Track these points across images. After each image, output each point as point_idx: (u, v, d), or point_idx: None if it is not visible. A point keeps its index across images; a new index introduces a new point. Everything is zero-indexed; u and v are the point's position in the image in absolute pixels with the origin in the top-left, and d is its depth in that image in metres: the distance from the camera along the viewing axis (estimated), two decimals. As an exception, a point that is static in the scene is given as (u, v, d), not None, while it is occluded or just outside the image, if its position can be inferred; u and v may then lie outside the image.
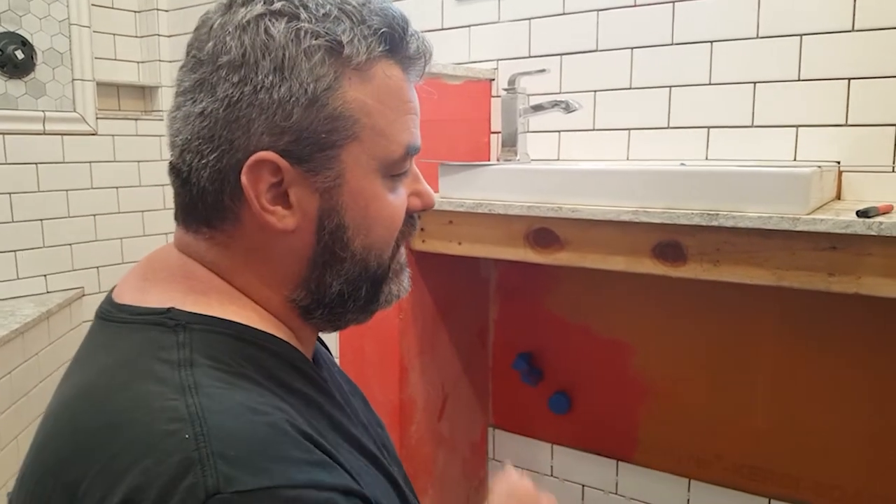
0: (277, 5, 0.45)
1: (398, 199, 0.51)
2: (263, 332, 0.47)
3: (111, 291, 0.51)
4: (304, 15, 0.45)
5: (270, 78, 0.44)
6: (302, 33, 0.44)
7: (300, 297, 0.50)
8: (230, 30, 0.45)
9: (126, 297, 0.48)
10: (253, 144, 0.45)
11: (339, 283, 0.49)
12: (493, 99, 1.41)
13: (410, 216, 0.53)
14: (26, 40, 1.75)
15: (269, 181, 0.46)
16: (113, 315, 0.48)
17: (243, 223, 0.47)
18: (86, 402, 0.42)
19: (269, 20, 0.44)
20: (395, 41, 0.47)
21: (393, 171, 0.49)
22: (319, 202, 0.47)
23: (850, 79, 1.07)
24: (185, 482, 0.36)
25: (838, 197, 1.09)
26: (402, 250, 0.55)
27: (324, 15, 0.45)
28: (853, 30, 1.06)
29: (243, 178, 0.45)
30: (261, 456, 0.37)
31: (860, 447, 1.12)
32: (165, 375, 0.41)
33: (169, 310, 0.45)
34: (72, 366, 0.48)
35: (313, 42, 0.44)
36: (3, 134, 1.73)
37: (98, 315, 0.49)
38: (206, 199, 0.47)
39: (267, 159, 0.45)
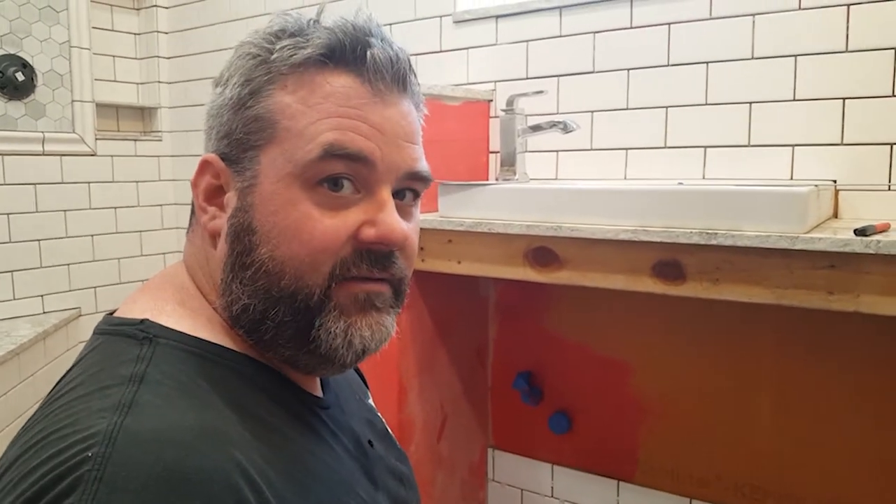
0: (251, 37, 0.50)
1: (334, 220, 0.46)
2: (230, 350, 0.47)
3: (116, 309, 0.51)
4: (255, 34, 0.49)
5: (219, 88, 0.50)
6: (244, 46, 0.49)
7: (223, 306, 0.48)
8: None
9: (120, 311, 0.49)
10: (211, 148, 0.50)
11: (246, 295, 0.46)
12: (491, 119, 1.42)
13: (370, 251, 0.47)
14: (27, 62, 1.76)
15: (209, 182, 0.49)
16: (99, 327, 0.48)
17: (199, 223, 0.51)
18: (44, 413, 0.42)
19: (238, 46, 0.50)
20: (337, 51, 0.47)
21: (316, 177, 0.45)
22: (236, 201, 0.48)
23: (845, 98, 1.08)
24: (68, 500, 0.35)
25: (835, 215, 1.09)
26: (358, 285, 0.47)
27: (269, 33, 0.49)
28: (847, 50, 1.07)
29: (192, 178, 0.49)
30: (148, 493, 0.35)
31: (862, 465, 1.11)
32: (112, 390, 0.40)
33: (142, 321, 0.46)
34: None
35: (249, 50, 0.49)
36: (3, 155, 1.74)
37: (94, 331, 0.49)
38: (192, 200, 0.52)
39: (208, 160, 0.49)
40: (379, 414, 0.66)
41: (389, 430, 0.64)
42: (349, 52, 0.47)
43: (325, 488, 0.47)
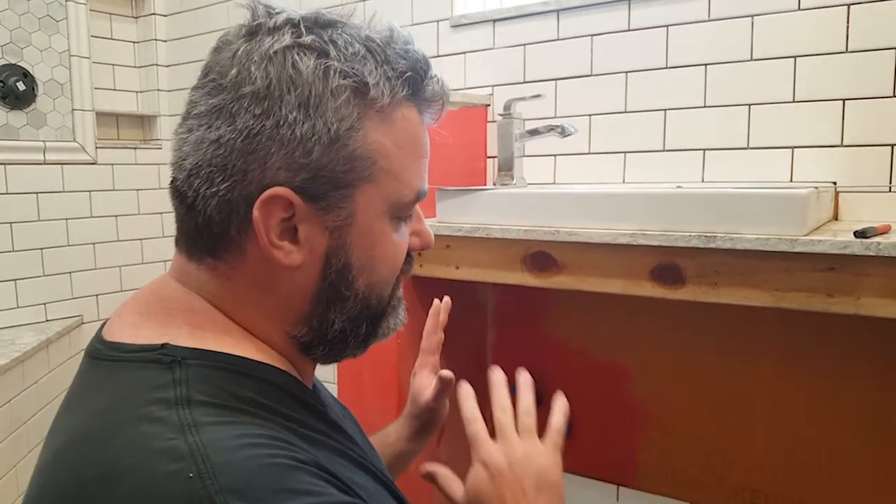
0: (307, 39, 0.44)
1: (401, 239, 0.51)
2: (260, 363, 0.47)
3: (101, 329, 0.49)
4: (333, 52, 0.44)
5: (294, 114, 0.43)
6: (331, 72, 0.43)
7: (301, 332, 0.49)
8: (255, 59, 0.44)
9: (118, 335, 0.47)
10: (268, 178, 0.44)
11: (341, 320, 0.49)
12: (488, 124, 1.42)
13: (409, 254, 0.54)
14: (28, 72, 1.77)
15: (279, 216, 0.45)
16: (104, 354, 0.46)
17: (247, 256, 0.46)
18: (83, 449, 0.40)
19: (298, 54, 0.43)
20: (417, 85, 0.47)
21: (401, 214, 0.50)
22: (328, 240, 0.46)
23: (844, 99, 1.07)
24: None
25: (835, 217, 1.09)
26: (400, 286, 0.55)
27: (352, 54, 0.44)
28: (847, 51, 1.07)
29: (255, 212, 0.44)
30: (268, 487, 0.37)
31: (863, 469, 1.10)
32: (162, 415, 0.39)
33: (163, 346, 0.44)
34: (62, 409, 0.47)
35: (341, 82, 0.44)
36: (5, 164, 1.75)
37: (88, 354, 0.48)
38: (211, 228, 0.46)
39: (281, 195, 0.44)
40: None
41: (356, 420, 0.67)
42: (421, 87, 0.48)
43: (369, 475, 0.50)
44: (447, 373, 0.72)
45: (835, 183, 1.09)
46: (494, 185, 1.32)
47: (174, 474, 0.36)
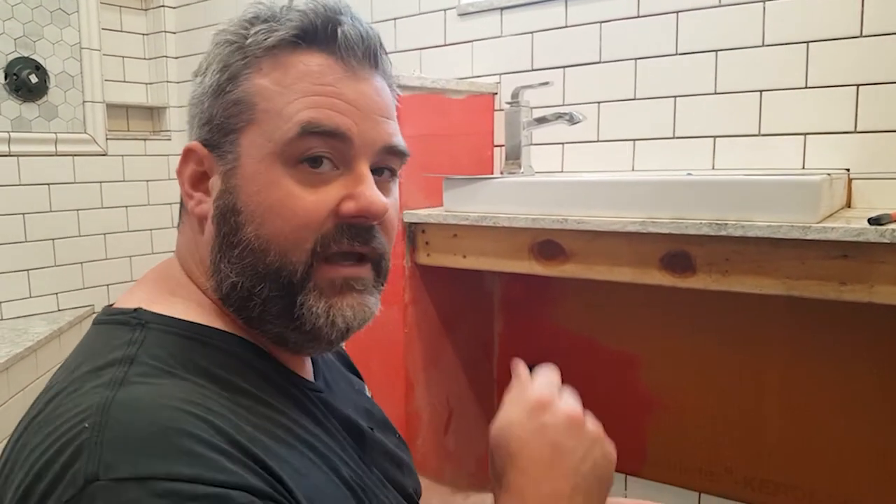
0: (226, 25, 0.50)
1: (314, 196, 0.47)
2: (221, 331, 0.48)
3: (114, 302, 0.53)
4: (232, 25, 0.50)
5: (199, 78, 0.51)
6: (220, 34, 0.50)
7: (213, 287, 0.50)
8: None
9: (117, 304, 0.50)
10: (191, 137, 0.51)
11: (234, 273, 0.47)
12: (496, 112, 1.41)
13: (351, 225, 0.48)
14: (40, 64, 1.78)
15: (193, 169, 0.50)
16: (98, 318, 0.50)
17: (187, 211, 0.52)
18: (43, 399, 0.44)
19: (214, 35, 0.51)
20: (309, 31, 0.48)
21: (296, 155, 0.46)
22: (221, 184, 0.49)
23: (858, 85, 1.06)
24: (73, 468, 0.37)
25: (849, 205, 1.07)
26: (337, 270, 0.48)
27: (243, 19, 0.50)
28: (861, 35, 1.05)
29: (176, 167, 0.51)
30: (148, 447, 0.37)
31: (873, 459, 1.09)
32: (105, 371, 0.42)
33: (136, 310, 0.47)
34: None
35: (224, 38, 0.50)
36: (17, 156, 1.76)
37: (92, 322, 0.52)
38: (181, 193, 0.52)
39: (191, 147, 0.50)
40: (377, 405, 0.66)
41: (388, 419, 0.65)
42: (321, 32, 0.48)
43: (314, 454, 0.47)
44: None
45: (848, 170, 1.07)
46: (502, 173, 1.31)
47: (77, 423, 0.38)
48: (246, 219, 0.47)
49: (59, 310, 1.88)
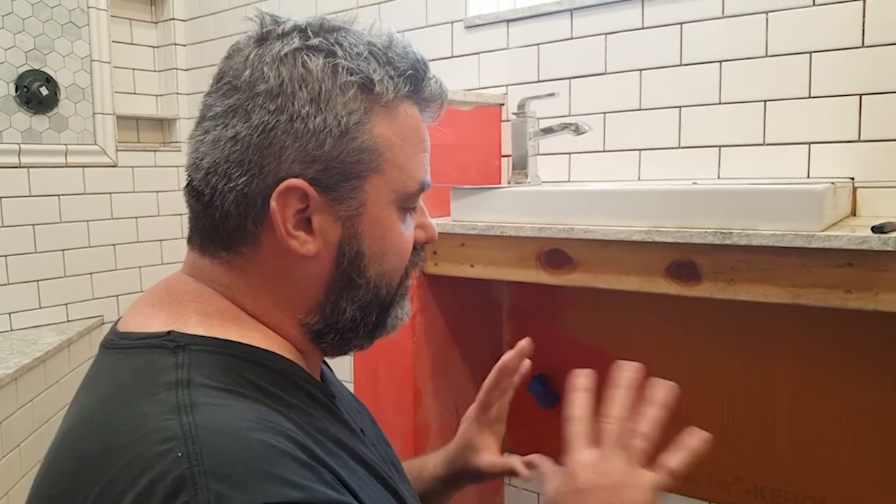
0: (314, 41, 0.47)
1: (408, 231, 0.53)
2: (265, 350, 0.48)
3: (115, 323, 0.51)
4: (339, 52, 0.47)
5: (307, 108, 0.46)
6: (339, 69, 0.46)
7: (313, 321, 0.50)
8: (267, 60, 0.46)
9: (130, 325, 0.49)
10: (283, 171, 0.46)
11: (352, 309, 0.51)
12: (503, 123, 1.42)
13: (416, 247, 0.55)
14: (51, 77, 1.81)
15: (295, 207, 0.47)
16: (115, 343, 0.48)
17: (262, 247, 0.48)
18: (86, 430, 0.42)
19: (307, 54, 0.46)
20: (418, 83, 0.50)
21: (407, 205, 0.52)
22: (341, 230, 0.49)
23: (861, 94, 1.07)
24: (178, 501, 0.35)
25: (853, 213, 1.08)
26: (408, 278, 0.56)
27: (357, 54, 0.47)
28: (863, 45, 1.06)
29: (272, 203, 0.46)
30: (253, 473, 0.37)
31: (882, 466, 1.08)
32: (162, 396, 0.41)
33: (168, 332, 0.46)
34: (75, 397, 0.49)
35: (349, 78, 0.46)
36: (28, 167, 1.78)
37: (101, 345, 0.50)
38: (228, 222, 0.48)
39: (296, 186, 0.46)
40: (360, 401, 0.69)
41: (372, 416, 0.67)
42: (422, 86, 0.51)
43: (366, 469, 0.50)
44: (540, 461, 0.67)
45: (852, 178, 1.08)
46: (509, 183, 1.32)
47: (164, 454, 0.37)
48: (370, 261, 0.50)
49: (69, 320, 1.89)
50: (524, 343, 0.72)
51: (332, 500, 0.40)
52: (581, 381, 0.59)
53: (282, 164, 0.46)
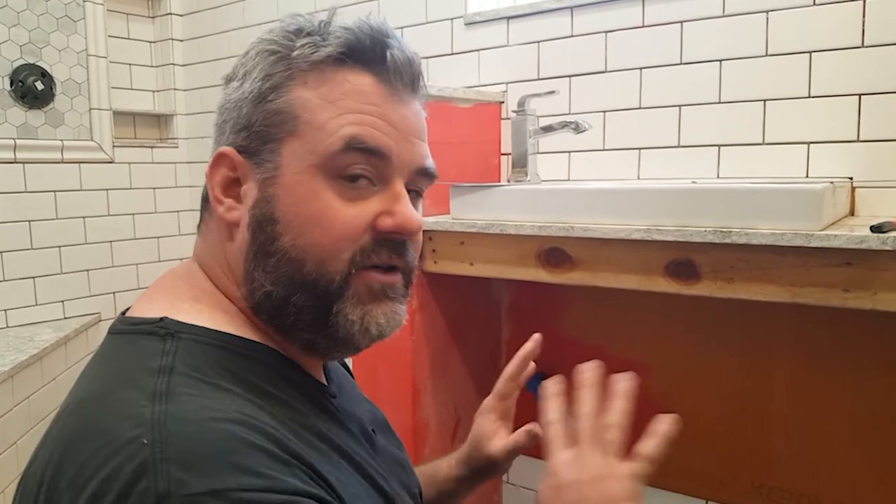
0: (268, 35, 0.50)
1: (353, 210, 0.48)
2: (251, 341, 0.48)
3: (125, 310, 0.52)
4: (272, 35, 0.50)
5: (236, 83, 0.50)
6: (263, 44, 0.50)
7: (245, 295, 0.50)
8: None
9: (135, 310, 0.50)
10: (223, 141, 0.51)
11: (269, 282, 0.48)
12: (502, 121, 1.42)
13: (387, 239, 0.49)
14: (46, 72, 1.80)
15: (225, 174, 0.50)
16: (117, 328, 0.49)
17: (213, 215, 0.52)
18: (76, 412, 0.43)
19: (255, 43, 0.51)
20: (357, 50, 0.49)
21: (337, 169, 0.48)
22: (257, 192, 0.49)
23: (860, 94, 1.07)
24: (140, 486, 0.36)
25: (852, 213, 1.08)
26: (375, 277, 0.49)
27: (286, 32, 0.50)
28: (863, 45, 1.06)
29: (206, 170, 0.50)
30: (215, 461, 0.37)
31: (881, 464, 1.09)
32: (144, 382, 0.42)
33: (162, 319, 0.47)
34: (77, 379, 0.49)
35: (268, 47, 0.50)
36: (23, 163, 1.77)
37: (108, 331, 0.51)
38: (203, 195, 0.53)
39: (225, 153, 0.50)
40: (375, 405, 0.68)
41: (386, 419, 0.67)
42: (369, 52, 0.49)
43: (347, 461, 0.49)
44: (536, 428, 0.67)
45: (851, 178, 1.08)
46: (509, 181, 1.32)
47: (132, 440, 0.38)
48: (283, 228, 0.47)
49: (66, 317, 1.88)
50: (538, 336, 0.73)
51: (298, 490, 0.39)
52: (551, 388, 0.60)
53: (226, 136, 0.50)
